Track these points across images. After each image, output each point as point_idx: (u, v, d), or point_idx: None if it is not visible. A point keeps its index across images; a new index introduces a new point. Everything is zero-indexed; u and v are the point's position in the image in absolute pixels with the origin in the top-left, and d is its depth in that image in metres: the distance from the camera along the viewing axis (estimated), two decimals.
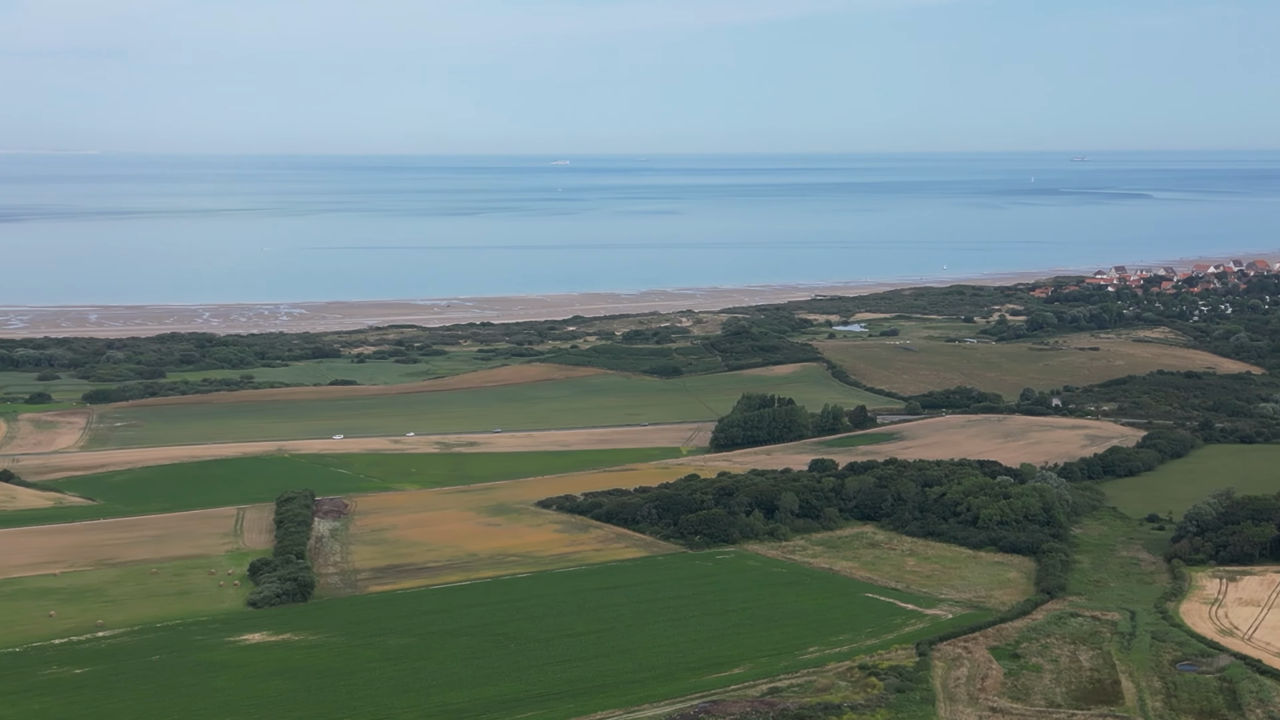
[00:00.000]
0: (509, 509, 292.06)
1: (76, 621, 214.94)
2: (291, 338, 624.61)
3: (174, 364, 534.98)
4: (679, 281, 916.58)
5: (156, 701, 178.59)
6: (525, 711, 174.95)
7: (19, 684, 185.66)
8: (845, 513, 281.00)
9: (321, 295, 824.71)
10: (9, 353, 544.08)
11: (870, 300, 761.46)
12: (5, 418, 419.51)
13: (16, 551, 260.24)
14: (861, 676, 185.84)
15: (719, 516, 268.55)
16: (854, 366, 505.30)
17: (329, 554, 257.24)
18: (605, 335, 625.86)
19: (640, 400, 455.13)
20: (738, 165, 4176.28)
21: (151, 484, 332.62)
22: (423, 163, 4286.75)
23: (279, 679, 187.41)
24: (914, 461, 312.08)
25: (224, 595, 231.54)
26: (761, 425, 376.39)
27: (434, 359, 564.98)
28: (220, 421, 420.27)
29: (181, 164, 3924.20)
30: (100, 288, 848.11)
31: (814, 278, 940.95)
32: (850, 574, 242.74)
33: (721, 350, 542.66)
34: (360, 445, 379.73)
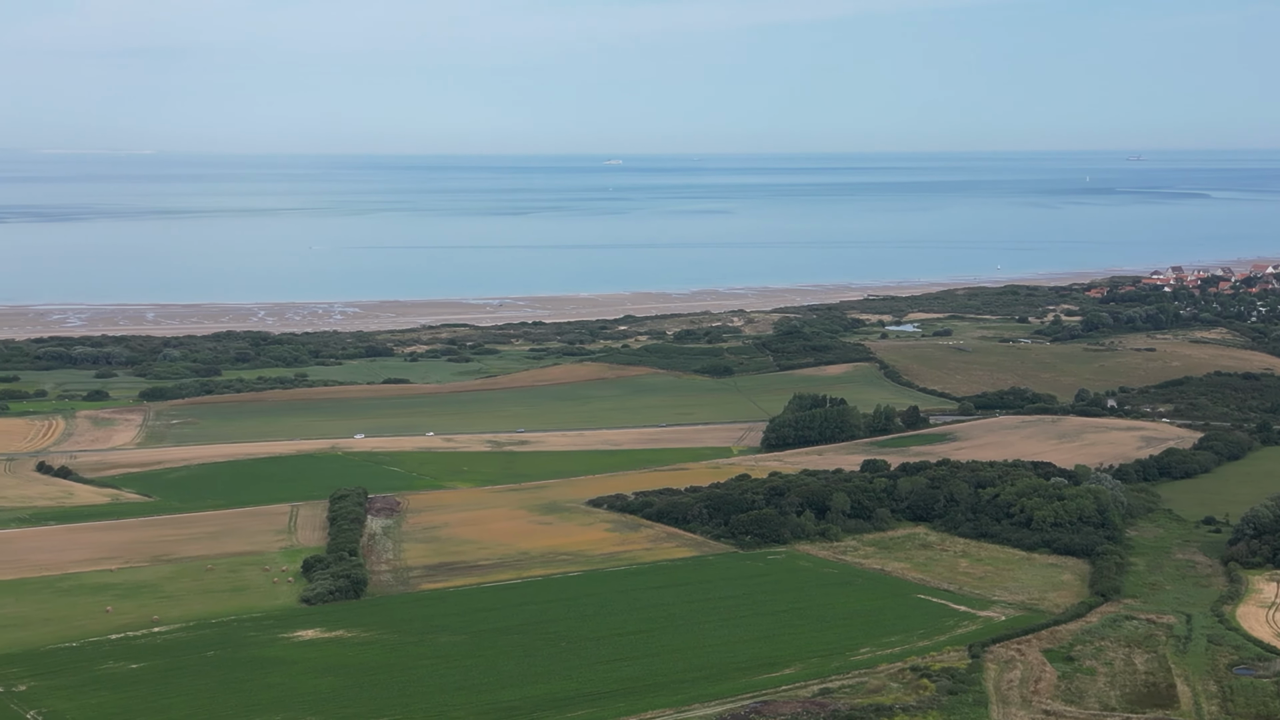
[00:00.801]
0: (560, 508, 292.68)
1: (133, 617, 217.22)
2: (345, 336, 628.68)
3: (229, 362, 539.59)
4: (730, 281, 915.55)
5: (211, 697, 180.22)
6: (576, 710, 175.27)
7: (76, 678, 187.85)
8: (897, 514, 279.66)
9: (375, 294, 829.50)
10: (68, 350, 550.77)
11: (923, 300, 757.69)
12: (63, 415, 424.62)
13: (74, 547, 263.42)
14: (913, 678, 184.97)
15: (770, 516, 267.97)
16: (907, 367, 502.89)
17: (381, 551, 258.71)
18: (656, 335, 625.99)
19: (691, 400, 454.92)
20: (790, 165, 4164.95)
21: (207, 481, 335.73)
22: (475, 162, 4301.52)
23: (331, 676, 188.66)
24: (967, 462, 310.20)
25: (277, 592, 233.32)
26: (813, 425, 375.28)
27: (486, 358, 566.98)
28: (275, 419, 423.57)
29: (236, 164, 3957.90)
30: (157, 286, 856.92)
31: (866, 277, 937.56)
32: (902, 575, 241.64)
33: (773, 350, 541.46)
34: (412, 443, 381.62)
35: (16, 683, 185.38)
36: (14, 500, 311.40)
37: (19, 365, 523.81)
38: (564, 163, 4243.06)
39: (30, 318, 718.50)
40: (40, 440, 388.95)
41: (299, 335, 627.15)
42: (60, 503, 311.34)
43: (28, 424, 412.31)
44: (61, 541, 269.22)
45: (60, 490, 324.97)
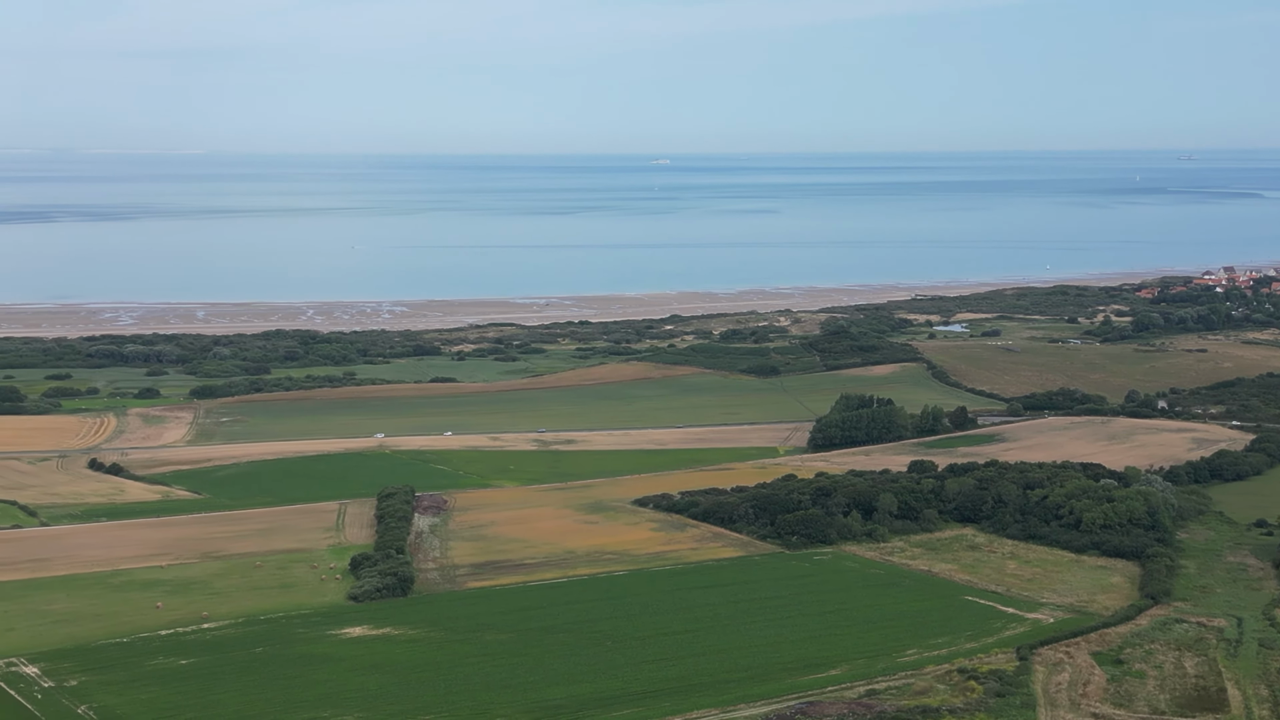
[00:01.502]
0: (606, 507, 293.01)
1: (183, 613, 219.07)
2: (393, 335, 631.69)
3: (278, 360, 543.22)
4: (777, 281, 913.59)
5: (259, 693, 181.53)
6: (622, 709, 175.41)
7: (127, 674, 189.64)
8: (945, 515, 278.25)
9: (423, 293, 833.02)
10: (119, 348, 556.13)
11: (971, 300, 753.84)
12: (115, 412, 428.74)
13: (125, 543, 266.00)
14: (960, 680, 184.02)
15: (816, 517, 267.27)
16: (954, 367, 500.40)
17: (428, 549, 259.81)
18: (702, 334, 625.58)
19: (737, 399, 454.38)
20: (837, 164, 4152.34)
21: (256, 478, 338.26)
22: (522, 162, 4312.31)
23: (379, 673, 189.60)
24: (1015, 464, 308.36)
25: (325, 589, 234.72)
26: (860, 426, 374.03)
27: (533, 357, 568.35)
28: (323, 418, 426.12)
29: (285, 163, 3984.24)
30: (207, 285, 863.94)
31: (914, 277, 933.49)
32: (950, 576, 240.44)
33: (820, 350, 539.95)
34: (459, 442, 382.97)
35: (68, 677, 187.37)
36: (66, 497, 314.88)
37: (72, 363, 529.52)
38: (611, 162, 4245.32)
39: (83, 316, 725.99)
40: (92, 437, 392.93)
41: (347, 334, 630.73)
42: (112, 499, 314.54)
43: (80, 421, 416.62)
44: (113, 538, 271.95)
45: (112, 487, 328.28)
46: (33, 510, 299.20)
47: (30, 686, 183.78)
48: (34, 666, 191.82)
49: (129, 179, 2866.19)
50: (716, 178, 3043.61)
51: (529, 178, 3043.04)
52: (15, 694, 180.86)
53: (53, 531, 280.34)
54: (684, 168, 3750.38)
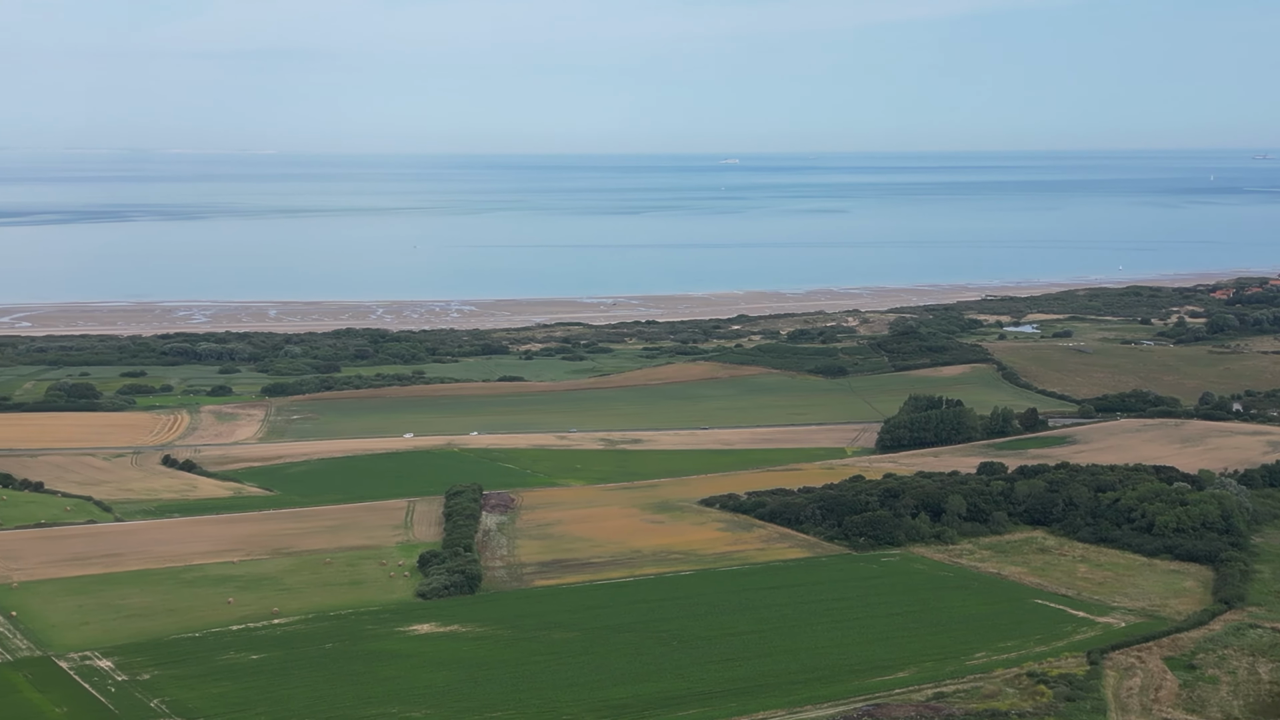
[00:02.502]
0: (672, 506, 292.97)
1: (254, 608, 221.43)
2: (462, 334, 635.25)
3: (348, 359, 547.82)
4: (845, 281, 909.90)
5: (328, 688, 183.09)
6: (687, 709, 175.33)
7: (199, 668, 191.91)
8: (1014, 517, 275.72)
9: (491, 293, 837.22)
10: (193, 346, 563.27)
11: (1042, 301, 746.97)
12: (189, 409, 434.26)
13: (198, 539, 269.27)
14: (1030, 684, 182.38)
15: (884, 518, 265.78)
16: (1025, 368, 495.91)
17: (496, 547, 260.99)
18: (770, 334, 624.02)
19: (805, 400, 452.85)
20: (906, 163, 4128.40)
21: (326, 476, 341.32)
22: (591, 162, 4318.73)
23: (446, 670, 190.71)
24: (1086, 466, 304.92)
25: (394, 586, 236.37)
26: (928, 427, 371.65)
27: (600, 356, 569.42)
28: (392, 415, 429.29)
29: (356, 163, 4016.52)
30: (279, 284, 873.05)
31: (984, 277, 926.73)
32: (1019, 579, 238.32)
33: (888, 350, 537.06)
34: (526, 440, 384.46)
35: (141, 671, 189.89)
36: (140, 493, 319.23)
37: (146, 360, 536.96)
38: (680, 162, 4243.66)
39: (157, 314, 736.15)
40: (166, 434, 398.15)
41: (416, 333, 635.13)
42: (184, 495, 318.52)
43: (154, 418, 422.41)
44: (185, 533, 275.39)
45: (184, 483, 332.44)
46: (108, 506, 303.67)
47: (104, 680, 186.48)
48: (108, 660, 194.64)
49: (203, 179, 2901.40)
50: (785, 177, 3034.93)
51: (597, 178, 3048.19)
52: (89, 687, 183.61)
53: (127, 527, 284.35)
54: (752, 167, 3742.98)
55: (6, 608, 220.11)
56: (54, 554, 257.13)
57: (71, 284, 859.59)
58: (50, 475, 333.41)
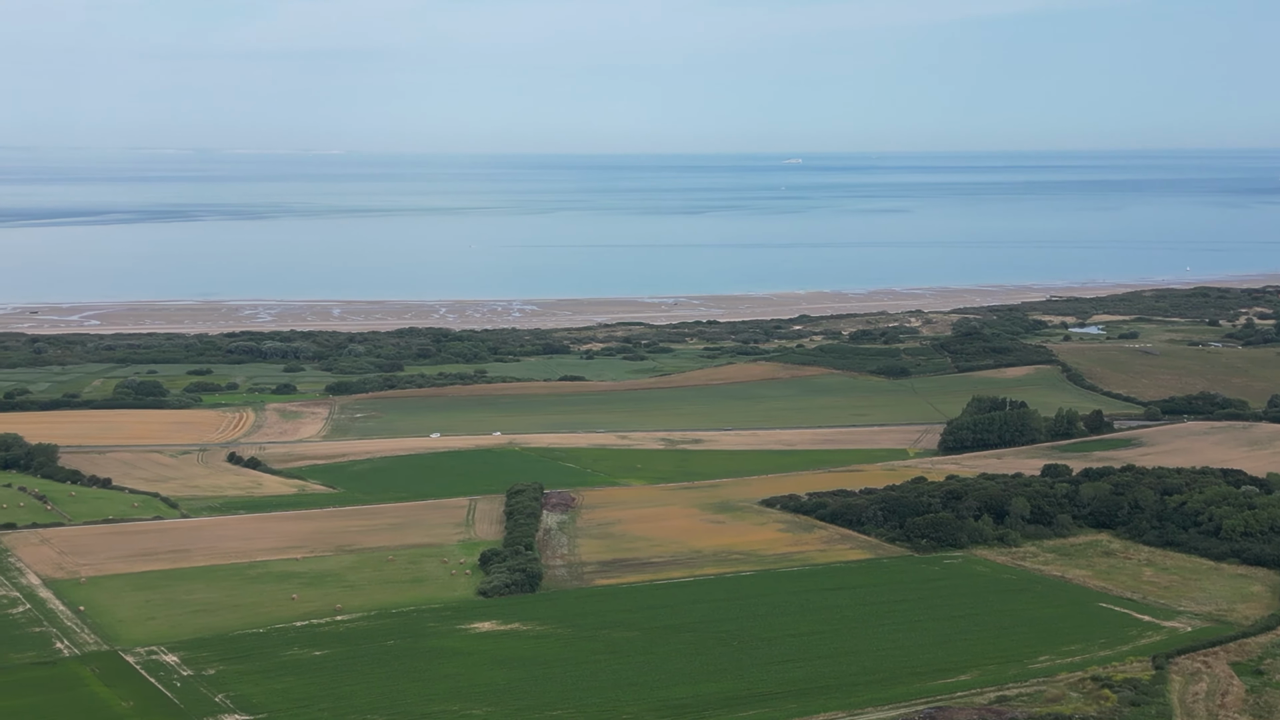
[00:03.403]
0: (733, 507, 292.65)
1: (317, 605, 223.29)
2: (523, 333, 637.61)
3: (411, 358, 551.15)
4: (908, 281, 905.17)
5: (390, 685, 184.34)
6: (747, 710, 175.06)
7: (263, 664, 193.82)
8: (1079, 520, 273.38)
9: (552, 292, 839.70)
10: (258, 345, 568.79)
11: (1108, 302, 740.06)
12: (254, 407, 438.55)
13: (262, 536, 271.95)
14: (1094, 688, 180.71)
15: (946, 520, 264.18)
16: (1090, 370, 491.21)
17: (556, 546, 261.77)
18: (832, 334, 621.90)
19: (867, 400, 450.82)
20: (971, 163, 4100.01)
21: (389, 474, 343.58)
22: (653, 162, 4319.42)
23: (506, 668, 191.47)
24: (1153, 469, 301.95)
25: (455, 584, 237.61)
26: (992, 428, 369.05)
27: (660, 356, 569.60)
28: (454, 414, 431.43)
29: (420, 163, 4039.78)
30: (343, 283, 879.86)
31: (1048, 278, 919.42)
32: (1083, 583, 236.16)
33: (951, 351, 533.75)
34: (587, 440, 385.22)
35: (206, 666, 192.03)
36: (206, 490, 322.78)
37: (212, 359, 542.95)
38: (743, 161, 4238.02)
39: (223, 313, 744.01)
40: (231, 431, 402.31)
41: (479, 332, 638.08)
42: (249, 492, 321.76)
43: (219, 415, 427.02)
44: (250, 530, 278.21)
45: (250, 480, 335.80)
46: (174, 502, 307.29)
47: (170, 675, 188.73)
48: (174, 655, 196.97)
49: (269, 179, 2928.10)
50: (848, 176, 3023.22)
51: (658, 177, 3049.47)
52: (155, 682, 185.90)
53: (193, 523, 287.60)
54: (816, 166, 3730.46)
55: (74, 602, 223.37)
56: (121, 549, 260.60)
57: (140, 283, 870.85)
58: (118, 472, 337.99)
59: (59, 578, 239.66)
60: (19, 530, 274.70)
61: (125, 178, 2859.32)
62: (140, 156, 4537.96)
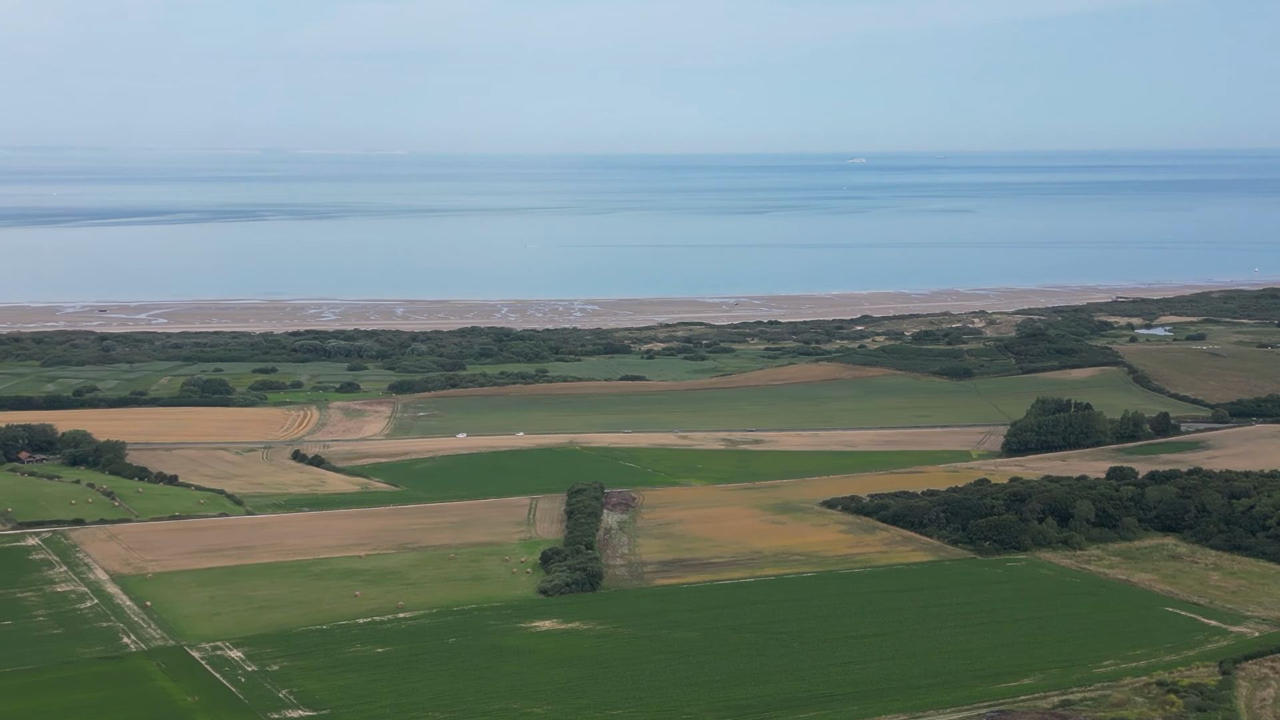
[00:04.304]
0: (793, 508, 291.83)
1: (379, 602, 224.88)
2: (584, 333, 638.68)
3: (473, 357, 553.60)
4: (971, 281, 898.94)
5: (452, 682, 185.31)
6: (808, 711, 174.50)
7: (326, 660, 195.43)
8: (1145, 523, 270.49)
9: (614, 292, 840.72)
10: (322, 344, 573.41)
11: (1175, 303, 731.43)
12: (318, 405, 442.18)
13: (326, 533, 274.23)
14: (1160, 693, 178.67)
15: (1010, 523, 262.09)
16: (1157, 371, 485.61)
17: (617, 545, 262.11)
18: (894, 335, 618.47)
19: (929, 402, 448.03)
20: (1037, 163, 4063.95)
21: (450, 472, 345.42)
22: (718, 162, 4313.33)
23: (567, 666, 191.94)
24: (1220, 472, 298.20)
25: (516, 582, 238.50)
26: (1056, 430, 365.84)
27: (721, 356, 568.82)
28: (516, 413, 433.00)
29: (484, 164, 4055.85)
30: (406, 282, 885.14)
31: (1114, 279, 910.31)
32: (1149, 587, 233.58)
33: (1015, 352, 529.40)
34: (648, 440, 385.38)
35: (270, 662, 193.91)
36: (271, 487, 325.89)
37: (277, 357, 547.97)
38: (807, 161, 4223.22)
39: (288, 311, 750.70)
40: (296, 430, 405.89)
41: (540, 332, 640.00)
42: (313, 490, 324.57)
43: (284, 413, 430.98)
44: (314, 527, 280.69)
45: (313, 478, 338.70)
46: (239, 499, 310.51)
47: (234, 670, 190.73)
48: (238, 651, 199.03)
49: (334, 179, 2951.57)
50: (912, 176, 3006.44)
51: (721, 177, 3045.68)
52: (220, 677, 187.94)
53: (258, 520, 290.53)
54: (880, 166, 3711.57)
55: (141, 598, 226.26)
56: (187, 546, 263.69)
57: (206, 282, 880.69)
58: (185, 469, 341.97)
59: (126, 573, 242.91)
60: (87, 526, 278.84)
61: (193, 178, 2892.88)
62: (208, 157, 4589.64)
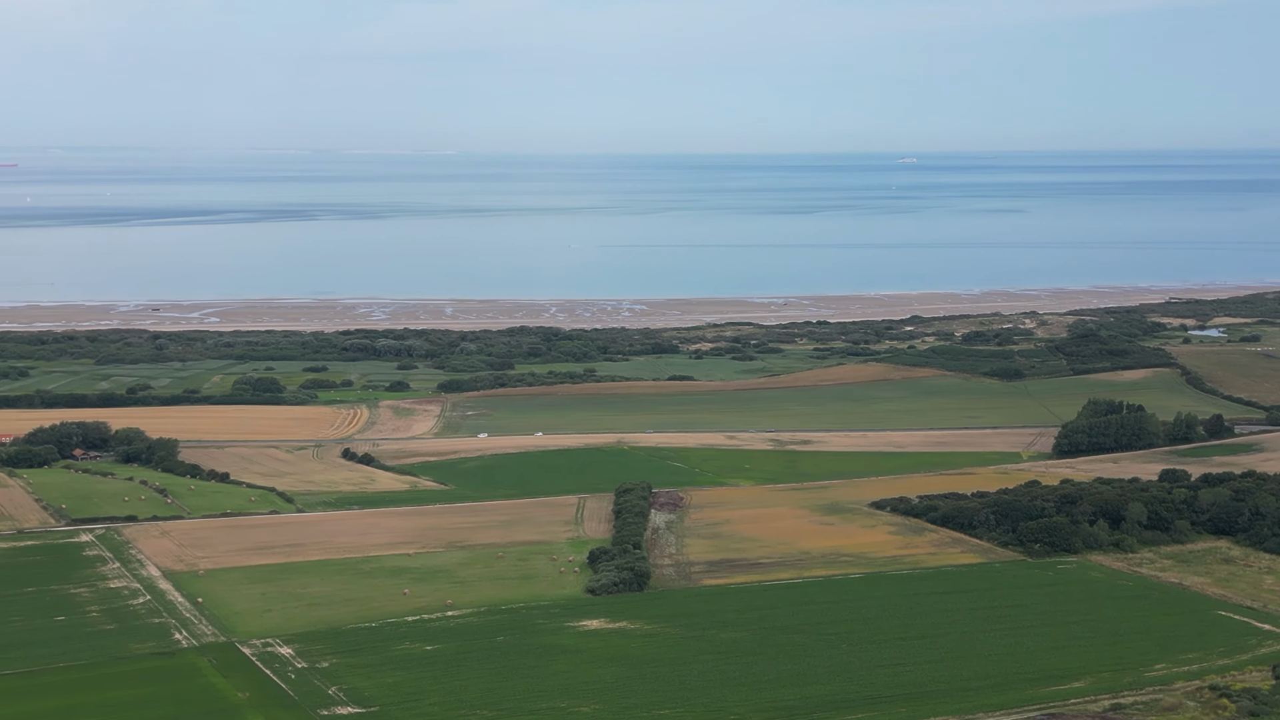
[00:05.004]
0: (842, 508, 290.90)
1: (428, 600, 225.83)
2: (632, 333, 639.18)
3: (522, 356, 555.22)
4: (1022, 282, 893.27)
5: (500, 681, 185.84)
6: (856, 713, 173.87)
7: (375, 657, 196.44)
8: (1197, 526, 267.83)
9: (662, 292, 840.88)
10: (372, 343, 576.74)
11: (1230, 304, 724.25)
12: (368, 404, 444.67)
13: (375, 531, 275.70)
14: (1212, 697, 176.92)
15: (1060, 525, 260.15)
16: (1210, 373, 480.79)
17: (664, 545, 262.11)
18: (944, 336, 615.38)
19: (979, 403, 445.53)
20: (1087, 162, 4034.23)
21: (499, 471, 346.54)
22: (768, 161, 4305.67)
23: (615, 665, 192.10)
24: (1275, 474, 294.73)
25: (564, 581, 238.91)
26: (1108, 432, 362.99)
27: (769, 356, 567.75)
28: (563, 413, 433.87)
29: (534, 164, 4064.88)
30: (455, 282, 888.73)
31: (1168, 279, 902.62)
32: (1201, 590, 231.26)
33: (1066, 353, 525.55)
34: (696, 439, 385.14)
35: (320, 659, 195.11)
36: (321, 485, 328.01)
37: (328, 356, 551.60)
38: (857, 161, 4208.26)
39: (338, 311, 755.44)
40: (346, 428, 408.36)
41: (588, 331, 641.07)
42: (363, 488, 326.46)
43: (334, 412, 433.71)
44: (363, 525, 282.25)
45: (363, 476, 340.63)
46: (290, 497, 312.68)
47: (285, 667, 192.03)
48: (288, 647, 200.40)
49: (385, 179, 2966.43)
50: (962, 176, 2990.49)
51: (771, 177, 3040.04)
52: (270, 673, 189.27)
53: (308, 518, 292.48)
54: (931, 166, 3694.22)
55: (193, 594, 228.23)
56: (239, 543, 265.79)
57: (258, 281, 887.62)
58: (236, 466, 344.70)
59: (178, 570, 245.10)
60: (140, 523, 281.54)
61: (245, 177, 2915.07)
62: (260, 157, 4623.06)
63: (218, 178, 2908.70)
